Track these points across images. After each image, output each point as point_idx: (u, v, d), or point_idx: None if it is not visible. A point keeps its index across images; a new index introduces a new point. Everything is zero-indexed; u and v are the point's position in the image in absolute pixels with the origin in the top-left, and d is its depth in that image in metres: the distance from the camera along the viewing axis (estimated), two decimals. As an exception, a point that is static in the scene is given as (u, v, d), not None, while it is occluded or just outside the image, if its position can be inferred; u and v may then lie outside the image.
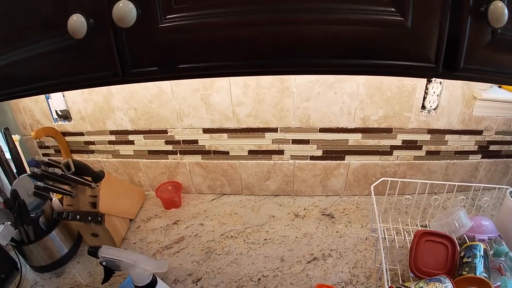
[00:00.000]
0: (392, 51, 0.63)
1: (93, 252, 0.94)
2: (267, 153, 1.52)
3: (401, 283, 1.13)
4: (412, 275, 1.08)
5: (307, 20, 0.62)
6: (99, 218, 1.31)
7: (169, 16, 0.66)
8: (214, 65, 0.70)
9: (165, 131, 1.52)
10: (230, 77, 1.32)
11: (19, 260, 1.34)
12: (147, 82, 0.78)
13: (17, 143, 1.48)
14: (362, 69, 0.67)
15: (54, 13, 0.73)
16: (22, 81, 0.87)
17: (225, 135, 1.49)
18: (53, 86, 0.86)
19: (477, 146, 1.45)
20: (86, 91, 1.47)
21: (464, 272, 0.98)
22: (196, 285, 1.22)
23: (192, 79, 1.31)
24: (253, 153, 1.53)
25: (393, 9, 0.59)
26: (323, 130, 1.42)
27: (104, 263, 0.95)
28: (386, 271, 1.02)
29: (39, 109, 1.58)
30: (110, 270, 0.99)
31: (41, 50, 0.78)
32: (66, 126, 1.60)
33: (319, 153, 1.49)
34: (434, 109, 1.35)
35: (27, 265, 1.35)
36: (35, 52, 0.79)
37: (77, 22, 0.67)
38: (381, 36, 0.62)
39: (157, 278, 0.97)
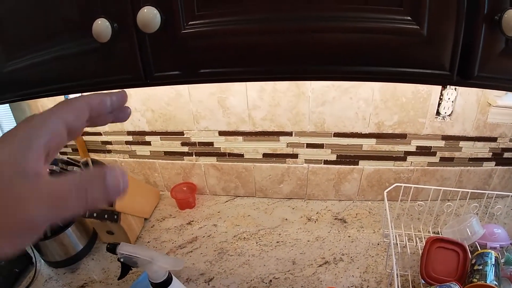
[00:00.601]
0: (407, 58, 0.64)
1: (112, 248, 0.96)
2: (282, 157, 1.53)
3: (412, 289, 1.13)
4: (423, 281, 1.08)
5: (324, 28, 0.63)
6: (115, 216, 1.34)
7: (192, 23, 0.68)
8: (233, 71, 0.72)
9: (182, 133, 1.54)
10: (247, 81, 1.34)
11: (34, 255, 1.37)
12: (168, 85, 0.80)
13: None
14: (376, 76, 0.68)
15: (80, 17, 0.75)
16: (45, 82, 0.89)
17: (240, 138, 1.50)
18: (76, 87, 0.88)
19: (491, 153, 1.44)
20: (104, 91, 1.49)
21: (474, 280, 0.98)
22: (208, 284, 1.24)
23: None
24: (268, 157, 1.54)
25: (409, 18, 0.60)
26: (337, 134, 1.43)
27: (122, 260, 0.97)
28: (397, 277, 1.02)
29: (58, 109, 1.60)
30: (127, 266, 1.01)
31: (65, 52, 0.80)
32: (84, 125, 1.62)
33: (333, 157, 1.49)
34: (449, 115, 1.34)
35: (42, 260, 1.38)
36: (59, 53, 0.81)
37: (102, 26, 0.70)
38: (397, 44, 0.63)
39: (172, 275, 0.99)
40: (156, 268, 0.92)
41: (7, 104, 1.72)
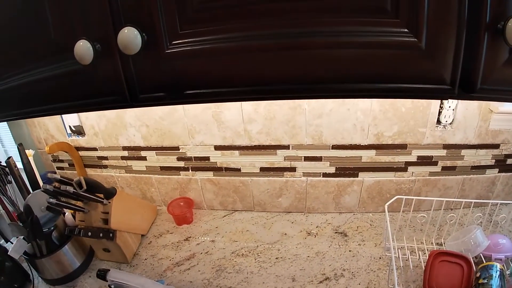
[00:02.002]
0: (406, 73, 0.62)
1: (102, 275, 0.94)
2: (279, 170, 1.50)
3: (415, 305, 1.10)
4: (427, 297, 1.05)
5: (317, 44, 0.61)
6: (111, 234, 1.31)
7: (175, 42, 0.67)
8: (223, 91, 0.70)
9: (177, 148, 1.53)
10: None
11: (31, 273, 1.36)
12: (155, 106, 0.78)
13: (31, 158, 1.50)
14: (374, 93, 0.66)
15: (62, 38, 0.73)
16: (33, 102, 0.88)
17: (236, 152, 1.48)
18: (63, 108, 0.87)
19: (494, 160, 1.41)
20: (99, 107, 1.48)
21: None
22: (206, 304, 1.22)
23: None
24: (265, 170, 1.51)
25: (406, 30, 0.58)
26: (336, 147, 1.40)
27: (112, 286, 0.95)
28: (400, 293, 0.99)
29: (54, 124, 1.60)
30: (118, 293, 0.99)
31: (51, 74, 0.79)
32: (80, 141, 1.62)
33: (332, 170, 1.46)
34: (450, 123, 1.32)
35: (40, 278, 1.37)
36: (45, 75, 0.80)
37: (84, 47, 0.68)
38: (394, 59, 0.60)
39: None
40: (147, 296, 0.90)
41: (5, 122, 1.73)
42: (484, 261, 1.07)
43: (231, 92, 0.69)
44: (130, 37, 0.64)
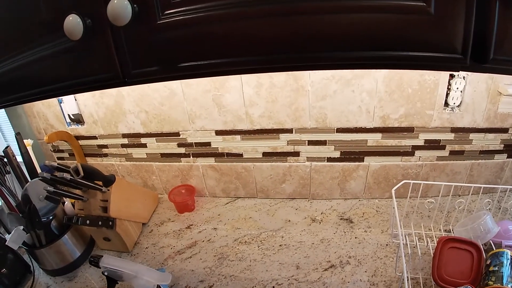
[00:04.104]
0: (415, 40, 0.58)
1: (95, 261, 0.91)
2: (282, 155, 1.48)
3: (423, 292, 1.07)
4: (435, 284, 1.02)
5: (321, 8, 0.58)
6: (110, 223, 1.30)
7: (168, 12, 0.64)
8: (218, 63, 0.67)
9: (177, 134, 1.50)
10: (242, 76, 1.29)
11: (32, 263, 1.36)
12: (148, 83, 0.75)
13: (29, 148, 1.48)
14: (382, 62, 0.62)
15: (51, 15, 0.71)
16: (27, 86, 0.86)
17: (238, 137, 1.45)
18: (57, 90, 0.85)
19: (502, 145, 1.37)
20: (97, 94, 1.46)
21: (490, 282, 0.93)
22: (208, 292, 1.19)
23: (202, 79, 1.28)
24: (268, 155, 1.49)
25: None
26: (340, 130, 1.37)
27: (106, 273, 0.92)
28: (408, 280, 0.96)
29: (53, 113, 1.58)
30: (113, 280, 0.97)
31: (42, 54, 0.77)
32: (79, 129, 1.60)
33: (337, 154, 1.43)
34: (458, 106, 1.27)
35: (40, 269, 1.36)
36: (36, 56, 0.78)
37: (73, 22, 0.67)
38: (402, 24, 0.57)
39: None
40: (142, 282, 0.88)
41: (4, 111, 1.71)
42: (494, 248, 1.04)
43: (227, 63, 0.66)
44: (120, 7, 0.61)
